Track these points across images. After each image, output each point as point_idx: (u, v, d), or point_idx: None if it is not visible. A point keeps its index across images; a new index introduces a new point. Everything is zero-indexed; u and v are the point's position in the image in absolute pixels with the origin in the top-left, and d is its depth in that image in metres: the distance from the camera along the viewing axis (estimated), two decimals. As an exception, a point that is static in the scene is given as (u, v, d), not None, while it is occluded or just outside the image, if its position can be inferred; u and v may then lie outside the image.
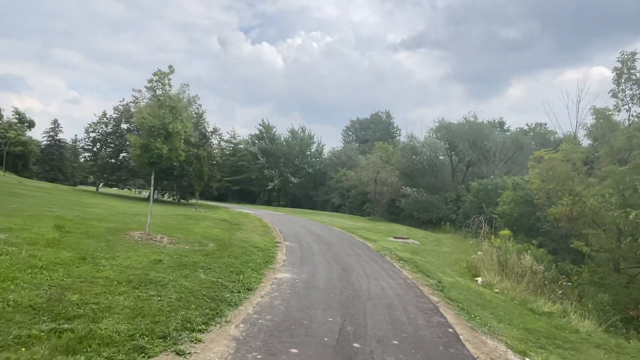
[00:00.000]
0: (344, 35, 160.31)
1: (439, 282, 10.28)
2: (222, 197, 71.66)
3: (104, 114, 30.90)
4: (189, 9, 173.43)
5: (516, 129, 47.00)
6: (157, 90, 10.30)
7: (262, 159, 61.45)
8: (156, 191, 34.54)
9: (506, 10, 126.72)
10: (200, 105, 34.40)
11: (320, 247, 13.24)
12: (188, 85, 33.62)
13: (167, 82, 10.39)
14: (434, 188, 36.53)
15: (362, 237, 18.18)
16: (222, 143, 72.29)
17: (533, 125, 56.33)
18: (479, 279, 12.06)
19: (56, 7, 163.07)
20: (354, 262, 11.18)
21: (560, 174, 14.48)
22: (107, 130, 30.70)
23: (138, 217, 15.23)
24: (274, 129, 66.55)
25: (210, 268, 8.01)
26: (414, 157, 36.53)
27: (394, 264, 11.79)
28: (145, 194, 35.44)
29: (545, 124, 57.78)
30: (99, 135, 30.92)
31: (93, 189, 40.48)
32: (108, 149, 30.32)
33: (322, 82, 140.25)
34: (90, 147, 31.60)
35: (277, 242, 13.31)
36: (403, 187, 36.65)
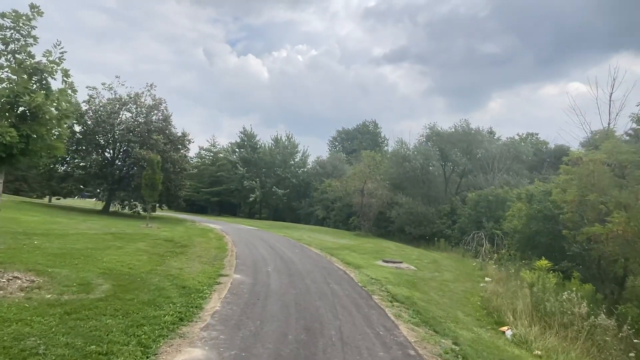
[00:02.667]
0: (329, 48, 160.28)
1: (455, 344, 6.61)
2: (201, 210, 67.47)
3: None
4: (175, 20, 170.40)
5: (507, 138, 44.12)
6: (10, 45, 6.41)
7: (242, 168, 57.51)
8: (113, 203, 30.32)
9: (486, 25, 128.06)
10: (166, 107, 30.54)
11: (281, 283, 9.43)
12: (154, 86, 29.78)
13: (28, 29, 6.53)
14: (426, 200, 33.03)
15: (344, 261, 14.42)
16: (202, 152, 69.01)
17: (524, 135, 53.84)
18: (507, 331, 8.37)
19: (40, 18, 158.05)
20: (326, 311, 7.40)
21: (603, 181, 11.06)
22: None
23: (41, 239, 11.27)
24: (257, 137, 62.80)
25: (40, 354, 4.17)
26: (406, 163, 33.01)
27: (387, 311, 8.04)
28: (102, 205, 31.06)
29: (537, 134, 55.45)
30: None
31: (47, 200, 35.96)
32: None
33: (307, 94, 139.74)
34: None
35: (221, 276, 9.47)
36: (395, 196, 33.11)
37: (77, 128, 27.28)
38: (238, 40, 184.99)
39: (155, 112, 29.83)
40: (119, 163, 29.04)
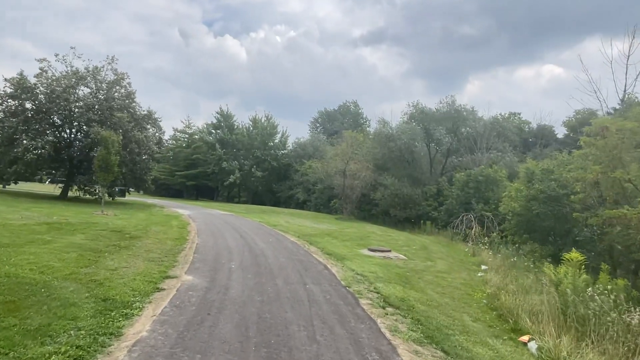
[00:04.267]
0: (307, 29, 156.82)
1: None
2: (177, 194, 64.66)
3: (-1, 90, 23.64)
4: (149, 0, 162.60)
5: (491, 117, 42.71)
6: None
7: (219, 150, 54.78)
8: (72, 188, 27.56)
9: (462, 7, 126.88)
10: (129, 82, 27.66)
11: (245, 286, 7.46)
12: (116, 59, 26.84)
13: None
14: (411, 181, 31.38)
15: (325, 251, 12.53)
16: (177, 134, 65.60)
17: (507, 115, 52.62)
18: (529, 342, 6.64)
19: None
20: (299, 329, 5.48)
21: (629, 154, 9.38)
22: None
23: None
24: (234, 118, 59.95)
25: None
26: (390, 143, 31.15)
27: (379, 323, 6.17)
28: (59, 189, 28.27)
29: (519, 114, 54.32)
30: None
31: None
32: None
33: (286, 76, 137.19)
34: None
35: (167, 278, 7.43)
36: (380, 177, 31.35)
37: (27, 105, 24.35)
38: (215, 21, 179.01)
39: (117, 87, 26.96)
40: (79, 144, 26.22)
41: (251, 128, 57.84)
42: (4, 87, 23.38)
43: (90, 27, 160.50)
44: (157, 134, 31.37)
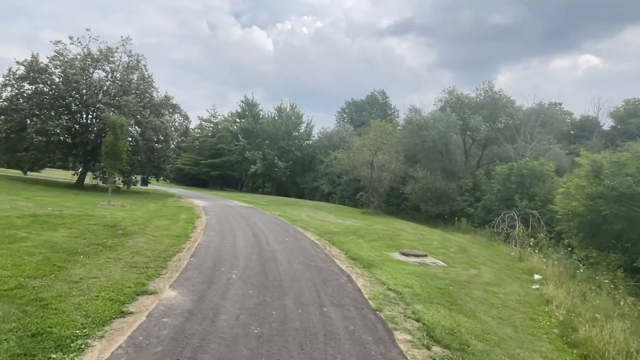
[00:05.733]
0: (334, 20, 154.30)
1: None
2: (202, 184, 64.20)
3: (11, 72, 22.79)
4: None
5: (535, 104, 39.18)
6: None
7: (242, 140, 53.49)
8: (89, 173, 26.61)
9: None
10: (145, 65, 26.40)
11: (242, 308, 5.67)
12: (130, 40, 25.56)
13: None
14: (444, 174, 28.93)
15: (349, 254, 10.61)
16: (203, 123, 64.82)
17: (547, 105, 48.61)
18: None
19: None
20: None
21: None
22: (11, 93, 22.60)
23: None
24: (259, 106, 58.43)
25: None
26: (422, 132, 28.70)
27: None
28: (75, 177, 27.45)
29: (560, 104, 50.00)
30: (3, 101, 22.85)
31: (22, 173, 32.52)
32: (10, 120, 22.27)
33: (312, 67, 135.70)
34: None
35: (142, 295, 5.72)
36: (410, 169, 29.06)
37: (41, 88, 23.38)
38: (243, 12, 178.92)
39: (133, 71, 25.72)
40: (94, 130, 25.22)
41: (276, 117, 56.21)
42: (16, 69, 22.48)
43: (123, 20, 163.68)
44: (184, 123, 30.40)
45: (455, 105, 31.69)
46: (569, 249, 17.45)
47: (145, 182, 44.94)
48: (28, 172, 31.42)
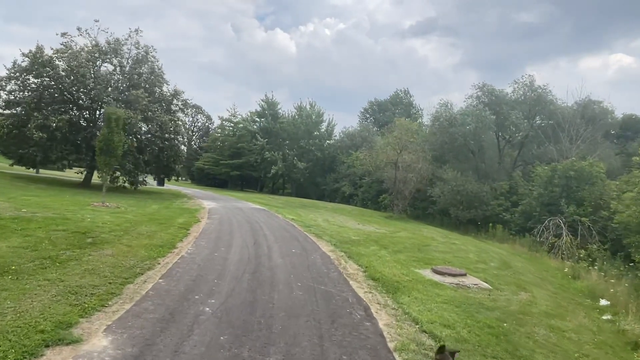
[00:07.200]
0: (357, 21, 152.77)
1: None
2: (222, 184, 63.15)
3: (15, 65, 21.71)
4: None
5: (580, 99, 35.82)
6: None
7: (261, 139, 51.87)
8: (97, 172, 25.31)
9: None
10: (155, 56, 24.97)
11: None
12: (140, 32, 24.14)
13: None
14: (477, 175, 26.35)
15: (369, 273, 8.46)
16: (224, 122, 63.72)
17: (586, 101, 44.98)
18: None
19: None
20: None
21: None
22: (13, 87, 21.50)
23: None
24: (279, 105, 56.69)
25: None
26: (452, 129, 26.19)
27: None
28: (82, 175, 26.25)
29: (600, 102, 46.25)
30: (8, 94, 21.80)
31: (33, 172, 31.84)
32: (12, 115, 21.14)
33: (335, 69, 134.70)
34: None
35: (48, 350, 3.80)
36: (439, 169, 26.60)
37: (47, 81, 22.17)
38: (266, 15, 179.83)
39: (142, 64, 24.33)
40: (99, 125, 23.93)
41: (296, 117, 54.40)
42: (21, 61, 21.38)
43: (151, 25, 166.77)
44: (206, 123, 28.92)
45: (488, 101, 28.99)
46: (631, 263, 14.82)
47: (162, 182, 43.90)
48: (40, 171, 30.59)
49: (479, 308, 7.12)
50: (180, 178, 28.80)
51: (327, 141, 54.40)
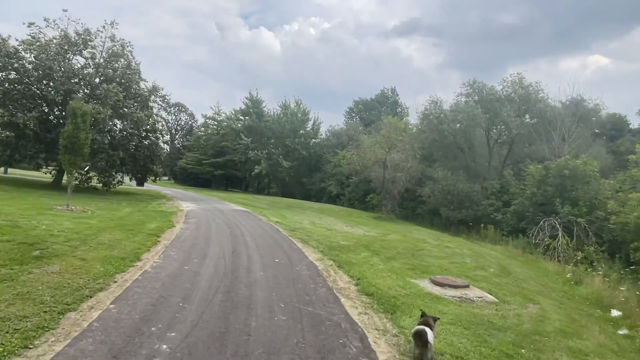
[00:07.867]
0: (342, 21, 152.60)
1: None
2: (205, 184, 61.65)
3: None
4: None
5: (567, 98, 35.62)
6: None
7: (246, 138, 50.46)
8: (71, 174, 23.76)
9: None
10: (131, 51, 23.50)
11: None
12: (116, 24, 22.46)
13: None
14: (468, 174, 25.63)
15: (361, 286, 7.46)
16: (207, 121, 62.02)
17: (578, 99, 45.09)
18: None
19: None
20: None
21: None
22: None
23: None
24: (264, 103, 55.32)
25: None
26: (442, 126, 25.41)
27: None
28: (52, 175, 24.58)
29: (584, 101, 46.46)
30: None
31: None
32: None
33: (319, 68, 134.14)
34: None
35: None
36: (428, 168, 25.78)
37: (12, 76, 20.57)
38: (251, 13, 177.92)
39: (118, 58, 22.86)
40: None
41: (281, 115, 53.17)
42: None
43: (134, 22, 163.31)
44: (189, 122, 27.47)
45: (479, 99, 28.32)
46: (632, 266, 14.20)
47: (141, 183, 42.18)
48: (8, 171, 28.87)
49: (489, 329, 6.16)
50: (158, 178, 27.37)
51: (313, 140, 53.36)
